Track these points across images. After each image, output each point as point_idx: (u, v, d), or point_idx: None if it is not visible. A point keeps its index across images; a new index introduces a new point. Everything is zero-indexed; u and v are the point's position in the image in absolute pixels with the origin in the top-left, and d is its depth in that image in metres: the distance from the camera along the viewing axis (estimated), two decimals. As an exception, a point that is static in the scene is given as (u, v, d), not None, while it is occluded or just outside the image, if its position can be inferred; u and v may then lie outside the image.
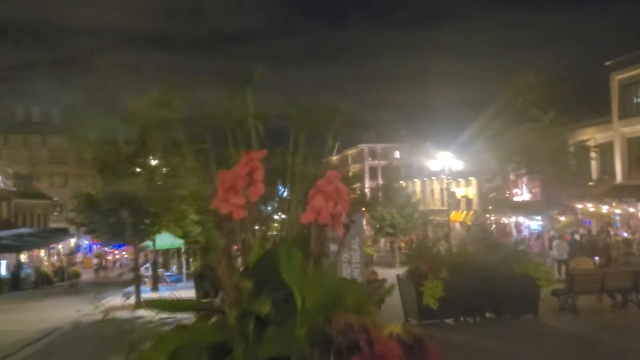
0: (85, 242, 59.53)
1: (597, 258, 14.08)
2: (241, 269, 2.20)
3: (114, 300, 19.65)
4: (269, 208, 3.01)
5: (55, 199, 57.82)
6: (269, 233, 2.76)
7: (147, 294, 19.02)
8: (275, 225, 2.90)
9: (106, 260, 53.50)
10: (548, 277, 10.88)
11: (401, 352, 2.09)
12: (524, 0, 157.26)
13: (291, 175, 2.49)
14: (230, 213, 2.04)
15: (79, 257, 54.87)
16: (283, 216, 2.75)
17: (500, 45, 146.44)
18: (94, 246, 58.84)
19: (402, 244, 33.74)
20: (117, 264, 59.43)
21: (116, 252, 62.00)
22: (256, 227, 2.35)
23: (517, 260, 10.77)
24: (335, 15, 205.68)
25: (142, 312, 15.34)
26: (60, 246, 47.50)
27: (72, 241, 54.24)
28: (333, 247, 2.26)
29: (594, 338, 9.13)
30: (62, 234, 48.20)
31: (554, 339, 9.37)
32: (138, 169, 16.54)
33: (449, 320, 10.45)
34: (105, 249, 56.48)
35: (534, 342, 9.07)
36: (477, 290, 10.45)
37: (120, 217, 15.88)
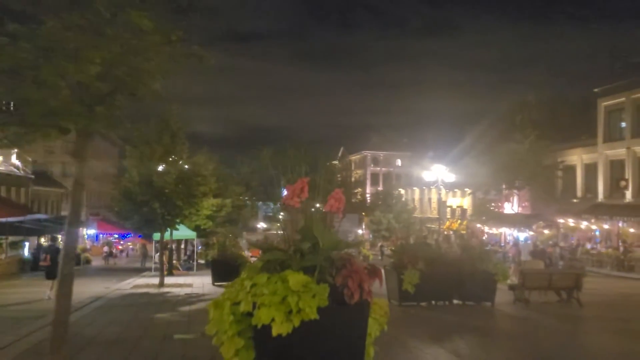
0: (92, 231, 61.67)
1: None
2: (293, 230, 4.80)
3: (137, 281, 22.10)
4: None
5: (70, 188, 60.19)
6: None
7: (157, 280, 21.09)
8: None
9: (115, 248, 56.04)
10: (504, 273, 13.38)
11: (365, 270, 4.70)
12: (535, 16, 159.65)
13: (318, 188, 5.10)
14: (292, 205, 4.66)
15: (88, 245, 57.20)
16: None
17: (506, 59, 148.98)
18: (101, 235, 61.36)
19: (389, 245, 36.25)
20: (124, 254, 61.98)
21: (122, 241, 64.68)
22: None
23: (481, 258, 13.29)
24: (347, 21, 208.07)
25: (166, 289, 17.91)
26: (67, 235, 49.71)
27: (84, 230, 56.36)
28: (344, 229, 4.89)
29: (536, 319, 11.54)
30: (74, 221, 49.94)
31: (503, 318, 11.86)
32: (168, 167, 19.06)
33: (423, 303, 12.85)
34: (111, 238, 59.05)
35: (488, 319, 11.53)
36: (447, 280, 12.87)
37: (151, 208, 18.45)
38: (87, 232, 60.72)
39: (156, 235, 25.36)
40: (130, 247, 65.98)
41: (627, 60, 33.94)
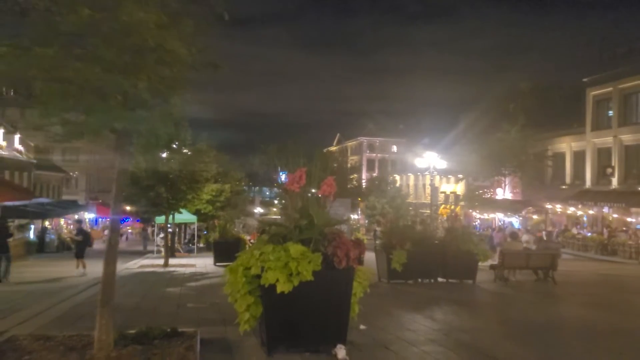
0: (92, 215, 62.59)
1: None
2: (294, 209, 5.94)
3: (142, 262, 23.23)
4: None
5: (74, 173, 61.14)
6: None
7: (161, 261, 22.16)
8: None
9: (116, 232, 57.13)
10: (485, 254, 14.57)
11: (351, 242, 5.85)
12: (532, 3, 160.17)
13: (313, 176, 6.23)
14: (293, 189, 5.80)
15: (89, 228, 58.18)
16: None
17: (503, 46, 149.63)
18: (100, 219, 62.43)
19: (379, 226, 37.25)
20: (124, 237, 63.09)
21: (120, 225, 65.76)
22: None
23: (463, 240, 14.47)
24: (345, 6, 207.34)
25: (171, 269, 19.06)
26: (76, 216, 50.74)
27: (85, 214, 57.27)
28: (337, 212, 6.03)
29: (511, 294, 12.72)
30: (74, 205, 51.01)
31: (481, 293, 13.04)
32: (172, 154, 20.07)
33: (410, 281, 14.00)
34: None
35: (467, 294, 12.70)
36: (432, 259, 14.06)
37: (157, 193, 19.53)
38: (88, 215, 61.72)
39: (159, 219, 26.49)
40: (129, 230, 67.09)
41: (615, 51, 34.84)
